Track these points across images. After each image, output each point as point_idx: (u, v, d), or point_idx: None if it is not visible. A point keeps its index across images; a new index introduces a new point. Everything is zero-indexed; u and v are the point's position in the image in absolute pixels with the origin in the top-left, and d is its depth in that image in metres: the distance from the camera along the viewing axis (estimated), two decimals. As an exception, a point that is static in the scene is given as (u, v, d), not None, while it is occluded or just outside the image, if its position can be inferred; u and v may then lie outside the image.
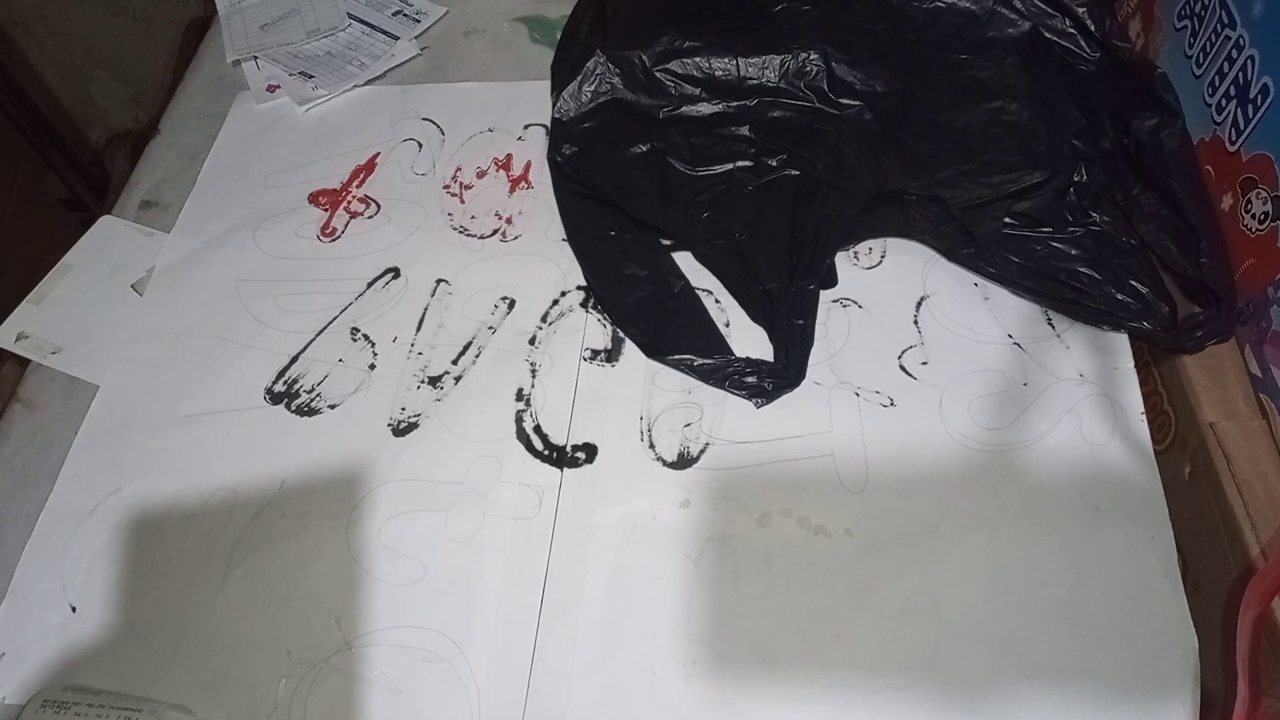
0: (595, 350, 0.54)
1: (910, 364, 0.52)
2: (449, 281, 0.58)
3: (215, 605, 0.46)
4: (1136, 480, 0.46)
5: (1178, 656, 0.41)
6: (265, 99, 0.70)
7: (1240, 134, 0.48)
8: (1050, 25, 0.62)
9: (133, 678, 0.45)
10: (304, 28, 0.74)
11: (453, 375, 0.54)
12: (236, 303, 0.58)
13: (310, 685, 0.44)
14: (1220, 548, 0.43)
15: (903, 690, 0.42)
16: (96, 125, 1.12)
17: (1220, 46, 0.50)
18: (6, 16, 0.99)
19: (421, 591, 0.46)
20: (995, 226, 0.54)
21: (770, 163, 0.59)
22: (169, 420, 0.53)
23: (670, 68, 0.62)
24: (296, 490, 0.50)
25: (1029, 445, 0.48)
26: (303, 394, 0.54)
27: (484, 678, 0.43)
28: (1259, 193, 0.47)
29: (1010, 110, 0.59)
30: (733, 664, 0.43)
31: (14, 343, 0.57)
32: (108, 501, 0.50)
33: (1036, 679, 0.41)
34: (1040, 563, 0.44)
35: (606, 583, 0.46)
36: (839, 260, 0.56)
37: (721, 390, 0.51)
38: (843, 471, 0.48)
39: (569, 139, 0.62)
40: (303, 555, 0.48)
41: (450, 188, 0.63)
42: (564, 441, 0.50)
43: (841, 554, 0.45)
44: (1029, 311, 0.53)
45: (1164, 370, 0.50)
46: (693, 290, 0.56)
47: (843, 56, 0.61)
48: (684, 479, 0.49)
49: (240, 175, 0.66)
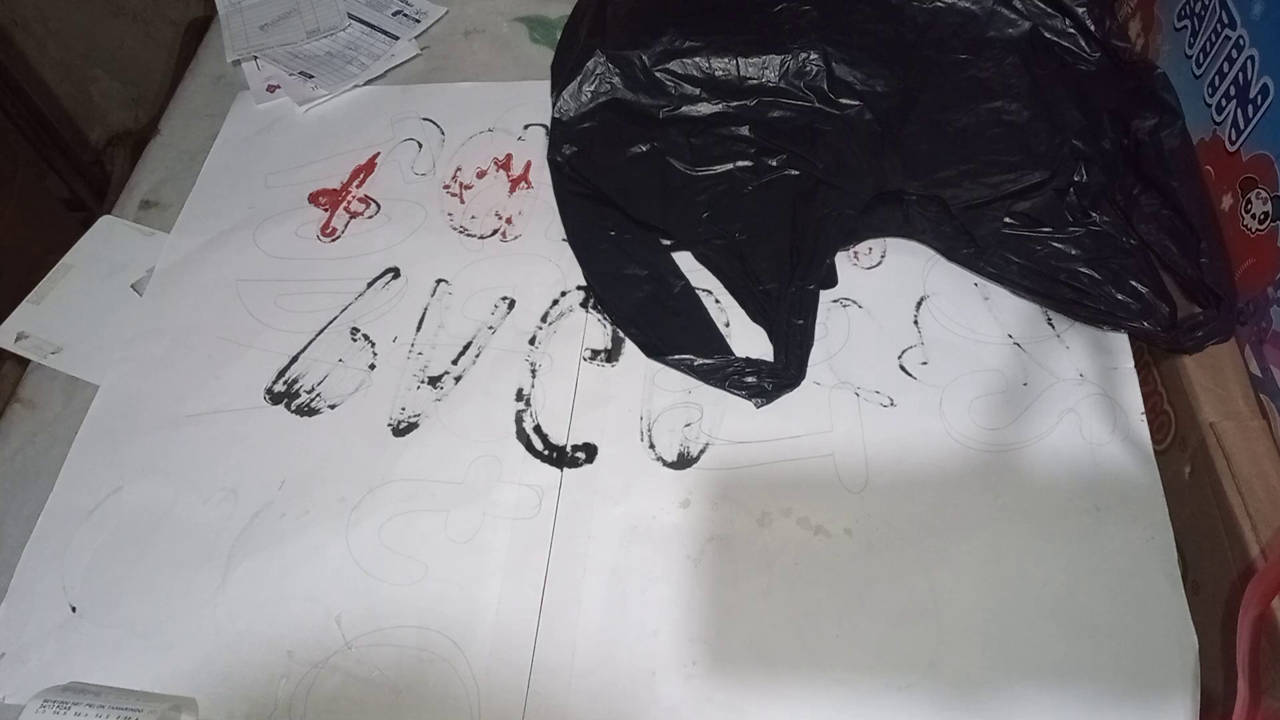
0: (595, 350, 0.54)
1: (910, 364, 0.52)
2: (449, 281, 0.58)
3: (215, 605, 0.46)
4: (1136, 480, 0.46)
5: (1178, 656, 0.41)
6: (265, 99, 0.70)
7: (1240, 134, 0.48)
8: (1050, 25, 0.62)
9: (133, 678, 0.45)
10: (304, 28, 0.74)
11: (453, 375, 0.54)
12: (236, 303, 0.58)
13: (310, 685, 0.44)
14: (1220, 548, 0.43)
15: (903, 690, 0.42)
16: (96, 125, 1.12)
17: (1220, 46, 0.50)
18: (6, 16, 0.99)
19: (421, 591, 0.46)
20: (995, 226, 0.54)
21: (770, 163, 0.59)
22: (169, 420, 0.53)
23: (670, 68, 0.62)
24: (296, 490, 0.50)
25: (1029, 445, 0.48)
26: (303, 394, 0.54)
27: (484, 678, 0.43)
28: (1259, 193, 0.47)
29: (1010, 110, 0.59)
30: (733, 664, 0.43)
31: (14, 343, 0.58)
32: (108, 501, 0.50)
33: (1036, 679, 0.41)
34: (1040, 563, 0.44)
35: (606, 583, 0.46)
36: (839, 260, 0.56)
37: (721, 390, 0.51)
38: (843, 471, 0.48)
39: (569, 139, 0.62)
40: (303, 555, 0.48)
41: (450, 188, 0.63)
42: (564, 441, 0.50)
43: (841, 554, 0.45)
44: (1029, 311, 0.53)
45: (1164, 370, 0.50)
46: (693, 290, 0.56)
47: (843, 56, 0.61)
48: (684, 479, 0.49)
49: (240, 175, 0.66)
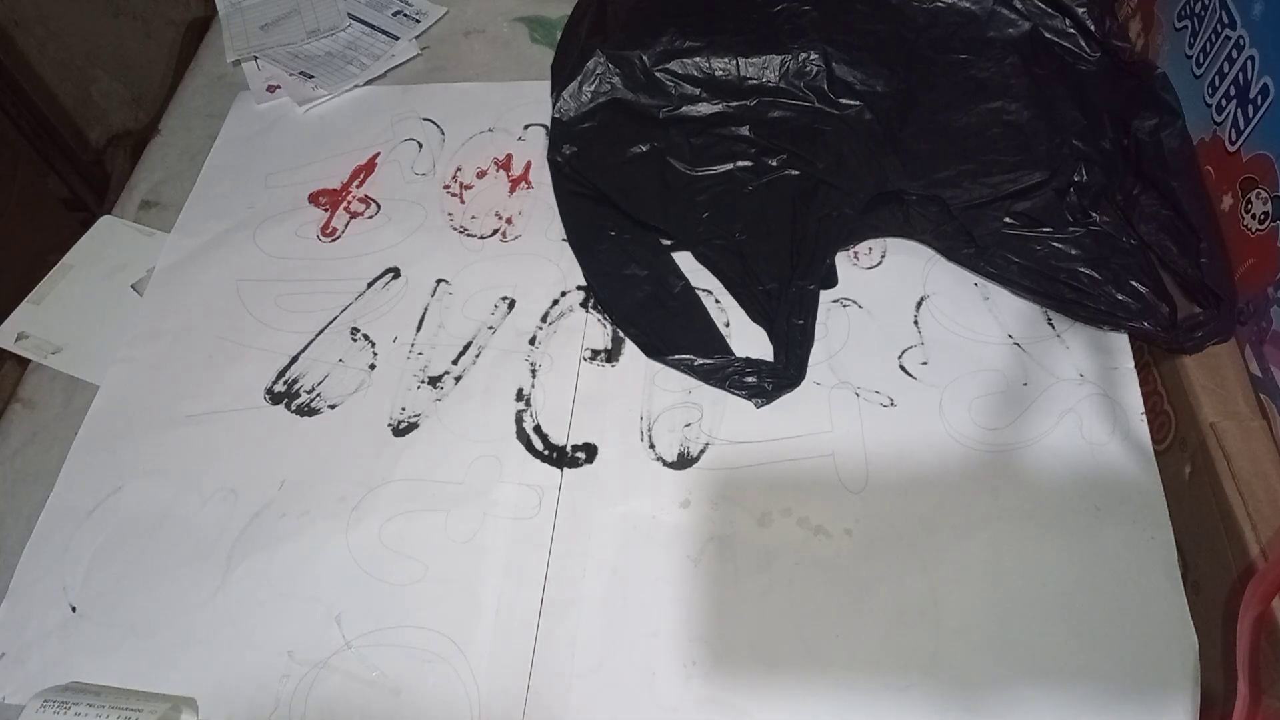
0: (595, 350, 0.54)
1: (910, 364, 0.52)
2: (449, 281, 0.58)
3: (215, 605, 0.46)
4: (1136, 480, 0.46)
5: (1178, 656, 0.41)
6: (265, 99, 0.70)
7: (1240, 134, 0.48)
8: (1050, 25, 0.62)
9: (133, 678, 0.45)
10: (304, 28, 0.74)
11: (453, 375, 0.54)
12: (236, 303, 0.58)
13: (310, 685, 0.44)
14: (1220, 548, 0.43)
15: (903, 690, 0.42)
16: (96, 125, 1.12)
17: (1220, 46, 0.50)
18: (7, 16, 0.99)
19: (421, 591, 0.46)
20: (995, 226, 0.54)
21: (770, 163, 0.59)
22: (169, 420, 0.53)
23: (670, 68, 0.62)
24: (296, 490, 0.50)
25: (1029, 445, 0.48)
26: (303, 394, 0.54)
27: (484, 678, 0.43)
28: (1259, 193, 0.47)
29: (1010, 110, 0.59)
30: (733, 664, 0.43)
31: (14, 343, 0.58)
32: (108, 501, 0.50)
33: (1036, 679, 0.41)
34: (1040, 563, 0.44)
35: (606, 583, 0.46)
36: (839, 260, 0.56)
37: (721, 390, 0.51)
38: (843, 471, 0.48)
39: (569, 139, 0.62)
40: (303, 555, 0.48)
41: (450, 188, 0.63)
42: (564, 441, 0.50)
43: (841, 554, 0.45)
44: (1029, 311, 0.53)
45: (1164, 370, 0.50)
46: (693, 290, 0.56)
47: (843, 56, 0.61)
48: (684, 479, 0.49)
49: (240, 175, 0.66)
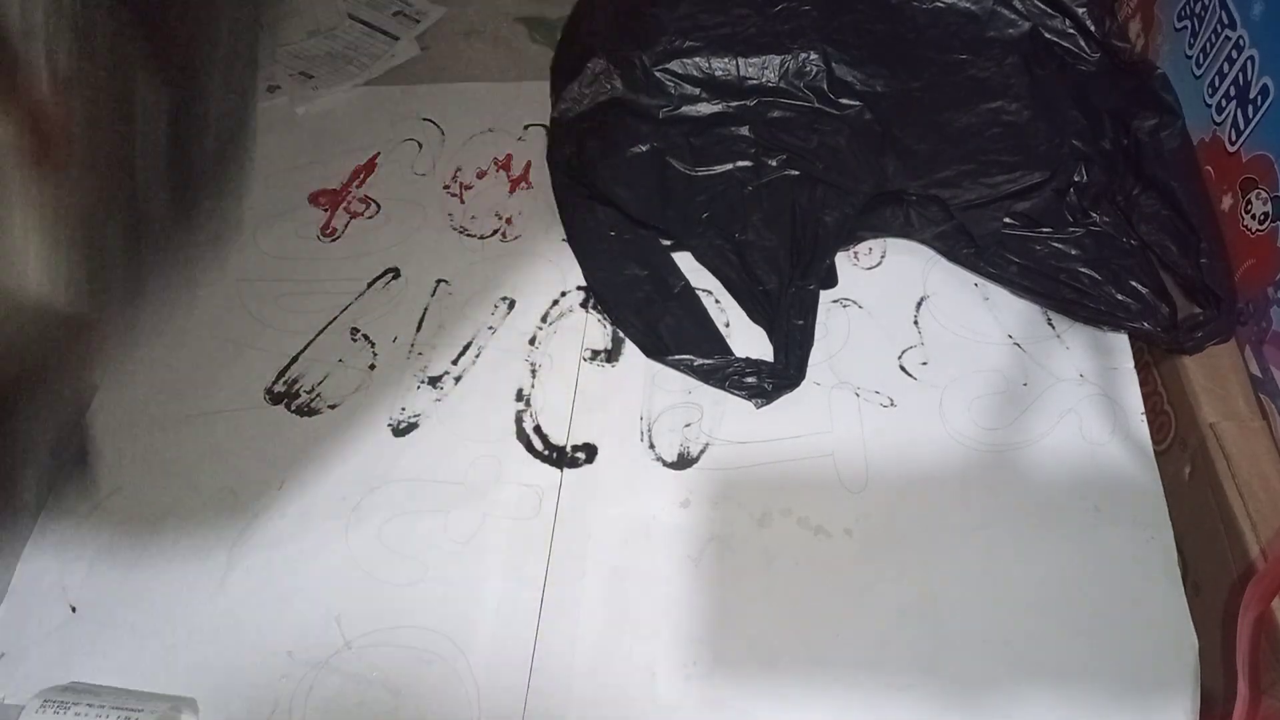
0: (595, 350, 0.54)
1: (910, 364, 0.52)
2: (449, 281, 0.58)
3: (215, 605, 0.46)
4: (1136, 480, 0.46)
5: (1178, 656, 0.41)
6: (264, 99, 0.70)
7: (1240, 134, 0.48)
8: (1050, 25, 0.62)
9: (133, 678, 0.45)
10: (304, 28, 0.74)
11: (453, 375, 0.54)
12: (236, 303, 0.58)
13: (310, 685, 0.44)
14: (1220, 548, 0.43)
15: (903, 690, 0.42)
16: (96, 125, 1.12)
17: (1220, 47, 0.50)
18: (6, 16, 0.99)
19: (421, 591, 0.46)
20: (995, 226, 0.54)
21: (770, 163, 0.59)
22: (169, 420, 0.53)
23: (670, 68, 0.62)
24: (296, 490, 0.50)
25: (1029, 445, 0.48)
26: (303, 394, 0.54)
27: (484, 678, 0.43)
28: (1259, 193, 0.47)
29: (1010, 110, 0.59)
30: (733, 664, 0.43)
31: (14, 343, 0.57)
32: (108, 501, 0.50)
33: (1036, 679, 0.41)
34: (1040, 563, 0.44)
35: (606, 583, 0.46)
36: (839, 260, 0.56)
37: (721, 390, 0.51)
38: (843, 471, 0.48)
39: (569, 139, 0.62)
40: (303, 555, 0.48)
41: (450, 188, 0.63)
42: (564, 441, 0.50)
43: (841, 554, 0.45)
44: (1029, 311, 0.53)
45: (1164, 370, 0.50)
46: (693, 290, 0.56)
47: (842, 56, 0.61)
48: (684, 479, 0.49)
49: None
